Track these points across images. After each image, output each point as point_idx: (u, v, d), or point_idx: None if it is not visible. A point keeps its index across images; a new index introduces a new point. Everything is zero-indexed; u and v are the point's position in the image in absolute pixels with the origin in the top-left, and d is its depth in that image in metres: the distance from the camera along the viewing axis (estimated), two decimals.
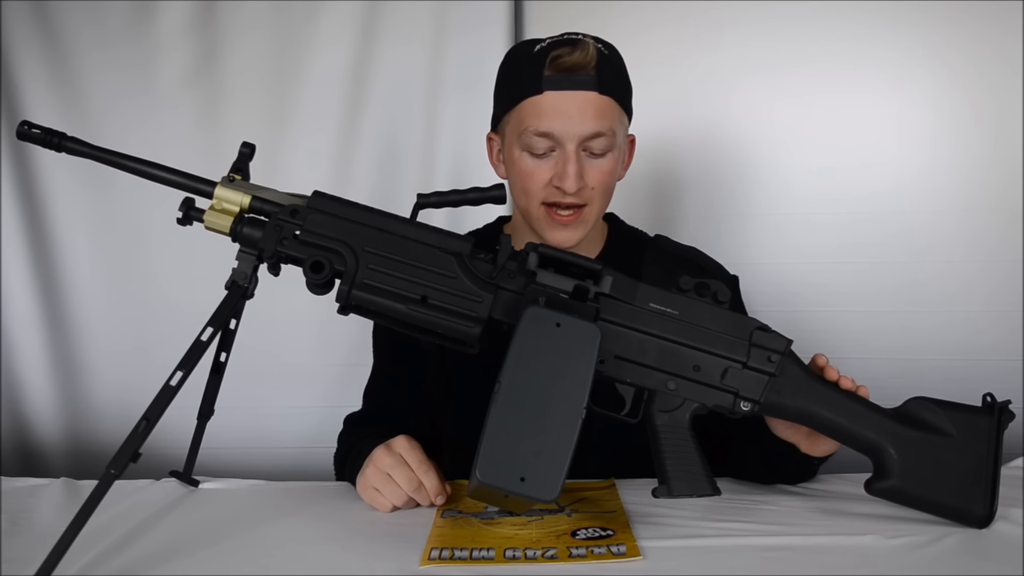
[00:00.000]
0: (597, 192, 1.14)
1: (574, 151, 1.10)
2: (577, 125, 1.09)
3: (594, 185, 1.13)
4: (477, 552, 0.87)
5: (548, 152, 1.12)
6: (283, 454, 1.78)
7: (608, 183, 1.15)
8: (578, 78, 1.09)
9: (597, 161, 1.13)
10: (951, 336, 1.67)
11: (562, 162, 1.11)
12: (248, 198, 0.94)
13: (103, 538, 0.92)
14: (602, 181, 1.14)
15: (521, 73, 1.12)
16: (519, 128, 1.12)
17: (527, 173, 1.13)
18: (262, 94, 1.77)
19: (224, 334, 1.04)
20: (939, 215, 1.67)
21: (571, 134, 1.10)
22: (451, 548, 0.88)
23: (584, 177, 1.12)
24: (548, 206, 1.14)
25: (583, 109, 1.09)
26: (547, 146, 1.11)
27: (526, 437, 0.83)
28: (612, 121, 1.12)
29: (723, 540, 0.92)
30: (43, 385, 1.79)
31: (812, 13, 1.68)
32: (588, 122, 1.09)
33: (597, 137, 1.10)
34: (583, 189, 1.12)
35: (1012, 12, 1.62)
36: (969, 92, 1.65)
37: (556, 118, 1.09)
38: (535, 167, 1.13)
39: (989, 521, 0.94)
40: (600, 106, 1.10)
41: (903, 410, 0.98)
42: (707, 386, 0.96)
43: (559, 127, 1.09)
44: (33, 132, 0.94)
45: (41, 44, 1.74)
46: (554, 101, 1.09)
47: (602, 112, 1.10)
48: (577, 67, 1.09)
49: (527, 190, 1.14)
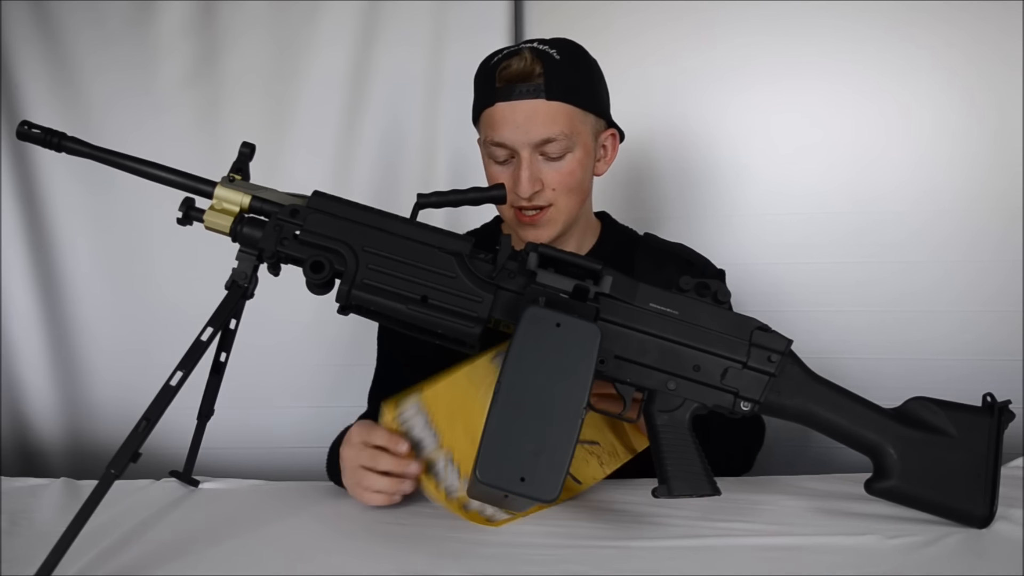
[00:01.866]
0: (560, 192, 1.17)
1: (528, 157, 1.14)
2: (525, 134, 1.13)
3: (554, 186, 1.16)
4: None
5: (508, 159, 1.17)
6: (283, 454, 1.78)
7: (570, 183, 1.18)
8: (522, 87, 1.13)
9: (555, 164, 1.16)
10: (951, 336, 1.67)
11: (517, 168, 1.16)
12: (248, 198, 0.94)
13: (103, 538, 0.92)
14: (563, 182, 1.17)
15: (481, 86, 1.19)
16: (483, 138, 1.19)
17: (494, 178, 1.19)
18: (262, 94, 1.77)
19: (224, 334, 1.04)
20: (939, 215, 1.66)
21: (521, 142, 1.14)
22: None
23: (542, 180, 1.16)
24: (517, 209, 1.18)
25: (530, 118, 1.13)
26: (505, 154, 1.16)
27: (526, 437, 0.83)
28: (564, 125, 1.14)
29: (723, 540, 0.92)
30: (43, 385, 1.79)
31: (812, 13, 1.68)
32: (536, 129, 1.13)
33: (549, 143, 1.14)
34: (542, 192, 1.16)
35: (1012, 12, 1.61)
36: (969, 92, 1.65)
37: (506, 128, 1.14)
38: (499, 173, 1.18)
39: (989, 521, 0.94)
40: (549, 112, 1.13)
41: (903, 410, 0.98)
42: (707, 386, 0.96)
43: (509, 136, 1.14)
44: (33, 132, 0.94)
45: (41, 44, 1.74)
46: (503, 112, 1.14)
47: (552, 118, 1.13)
48: (520, 77, 1.13)
49: None
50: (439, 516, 1.01)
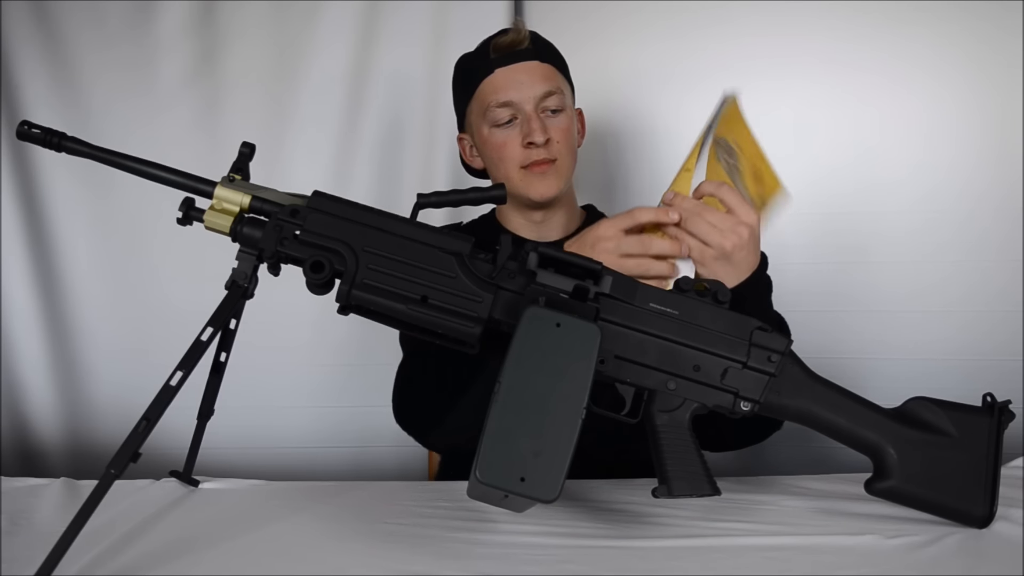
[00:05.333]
0: (563, 147, 1.28)
1: (533, 111, 1.26)
2: (529, 88, 1.26)
3: (559, 139, 1.27)
4: None
5: (512, 120, 1.27)
6: (283, 454, 1.78)
7: (570, 140, 1.29)
8: (519, 51, 1.27)
9: (555, 119, 1.28)
10: (951, 336, 1.67)
11: (526, 122, 1.26)
12: (248, 198, 0.94)
13: (103, 538, 0.92)
14: (564, 137, 1.28)
15: (472, 67, 1.30)
16: (483, 108, 1.28)
17: (500, 144, 1.27)
18: (262, 94, 1.77)
19: (224, 334, 1.04)
20: (939, 215, 1.67)
21: (526, 97, 1.26)
22: None
23: (548, 132, 1.26)
24: (526, 168, 1.27)
25: (530, 74, 1.26)
26: (510, 114, 1.26)
27: (526, 437, 0.82)
28: (558, 82, 1.28)
29: (723, 540, 0.92)
30: (43, 385, 1.79)
31: (811, 13, 1.68)
32: (538, 84, 1.26)
33: (550, 96, 1.26)
34: (550, 143, 1.26)
35: (1012, 12, 1.62)
36: (970, 92, 1.65)
37: (511, 88, 1.26)
38: (506, 136, 1.27)
39: (989, 521, 0.94)
40: (544, 71, 1.27)
41: (903, 410, 0.98)
42: (707, 386, 0.96)
43: (515, 94, 1.26)
44: (33, 132, 0.94)
45: (41, 44, 1.74)
46: (505, 74, 1.26)
47: (547, 75, 1.27)
48: (515, 43, 1.27)
49: (504, 158, 1.28)
50: (439, 516, 1.01)
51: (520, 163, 1.27)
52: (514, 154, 1.27)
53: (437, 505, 1.05)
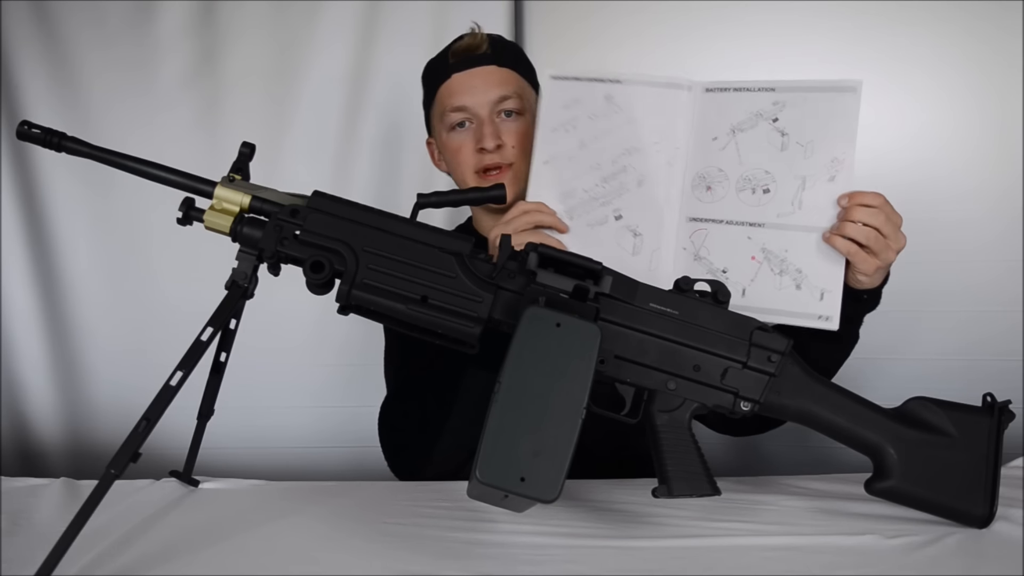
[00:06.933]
0: (519, 151, 1.25)
1: (487, 116, 1.25)
2: (483, 94, 1.25)
3: (514, 144, 1.25)
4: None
5: (467, 123, 1.27)
6: (283, 454, 1.78)
7: (526, 144, 1.24)
8: (474, 56, 1.27)
9: (511, 123, 1.26)
10: (951, 336, 1.67)
11: (479, 128, 1.26)
12: (248, 198, 0.94)
13: (103, 538, 0.92)
14: (520, 141, 1.25)
15: (433, 72, 1.31)
16: (441, 113, 1.29)
17: (456, 148, 1.28)
18: (262, 94, 1.77)
19: (224, 334, 1.04)
20: (939, 214, 1.66)
21: (480, 102, 1.25)
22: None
23: (501, 137, 1.25)
24: (481, 172, 1.26)
25: (485, 80, 1.26)
26: (464, 117, 1.26)
27: (526, 437, 0.83)
28: (516, 87, 1.27)
29: (723, 540, 0.92)
30: (43, 385, 1.79)
31: (813, 14, 1.68)
32: (492, 89, 1.25)
33: (505, 99, 1.26)
34: (503, 148, 1.25)
35: (1012, 12, 1.62)
36: (969, 92, 1.65)
37: (465, 93, 1.26)
38: (461, 140, 1.27)
39: (989, 521, 0.94)
40: (501, 76, 1.27)
41: (903, 410, 0.98)
42: (707, 386, 0.96)
43: (469, 99, 1.26)
44: (33, 132, 0.94)
45: (41, 44, 1.74)
46: (461, 80, 1.27)
47: (503, 80, 1.27)
48: (472, 48, 1.27)
49: (460, 163, 1.27)
50: (439, 516, 1.01)
51: (474, 168, 1.26)
52: (468, 159, 1.27)
53: (437, 505, 1.05)
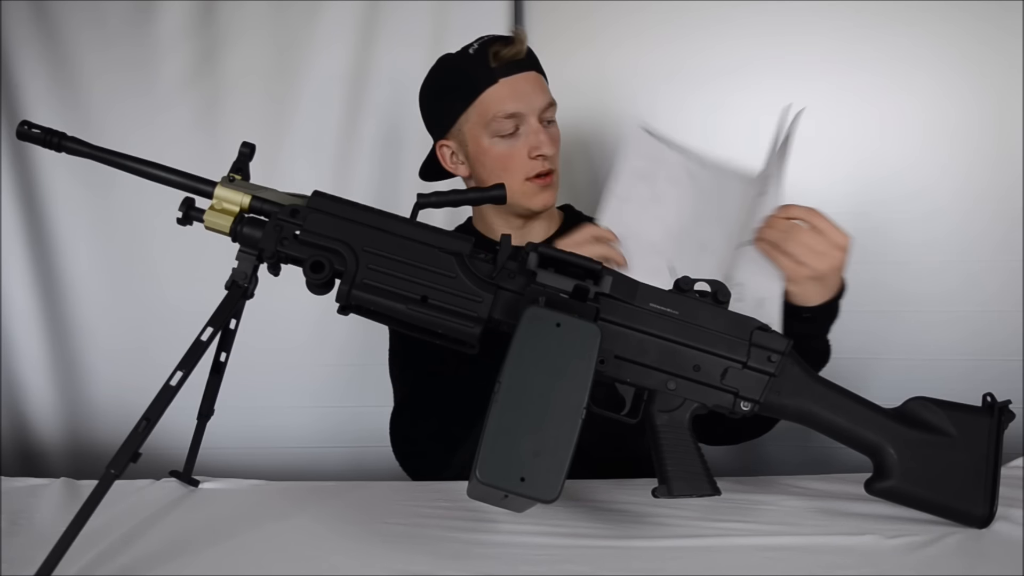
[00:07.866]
0: (556, 156, 1.31)
1: (536, 123, 1.28)
2: (533, 100, 1.28)
3: (554, 151, 1.30)
4: None
5: (516, 131, 1.27)
6: (283, 454, 1.78)
7: (559, 148, 1.31)
8: (521, 63, 1.28)
9: (552, 130, 1.31)
10: (951, 336, 1.67)
11: (533, 134, 1.27)
12: (248, 198, 0.94)
13: (103, 538, 0.92)
14: (558, 148, 1.31)
15: (467, 74, 1.29)
16: (484, 119, 1.28)
17: (505, 156, 1.28)
18: (262, 94, 1.77)
19: (224, 334, 1.04)
20: (939, 214, 1.66)
21: (532, 108, 1.27)
22: None
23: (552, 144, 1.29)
24: (529, 179, 1.28)
25: (533, 86, 1.29)
26: (514, 125, 1.27)
27: (526, 437, 0.83)
28: (550, 93, 1.31)
29: (723, 540, 0.92)
30: (43, 385, 1.79)
31: (811, 13, 1.68)
32: (540, 96, 1.29)
33: (550, 107, 1.30)
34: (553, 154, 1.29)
35: (1012, 12, 1.62)
36: (970, 92, 1.65)
37: (517, 99, 1.27)
38: (510, 147, 1.28)
39: (989, 521, 0.94)
40: (541, 81, 1.31)
41: (903, 410, 0.98)
42: (707, 386, 0.96)
43: (522, 106, 1.27)
44: (33, 132, 0.94)
45: (41, 44, 1.74)
46: (511, 85, 1.27)
47: (543, 86, 1.31)
48: (517, 55, 1.28)
49: (509, 169, 1.28)
50: (439, 516, 1.01)
51: (526, 174, 1.28)
52: (521, 165, 1.28)
53: (437, 505, 1.05)
